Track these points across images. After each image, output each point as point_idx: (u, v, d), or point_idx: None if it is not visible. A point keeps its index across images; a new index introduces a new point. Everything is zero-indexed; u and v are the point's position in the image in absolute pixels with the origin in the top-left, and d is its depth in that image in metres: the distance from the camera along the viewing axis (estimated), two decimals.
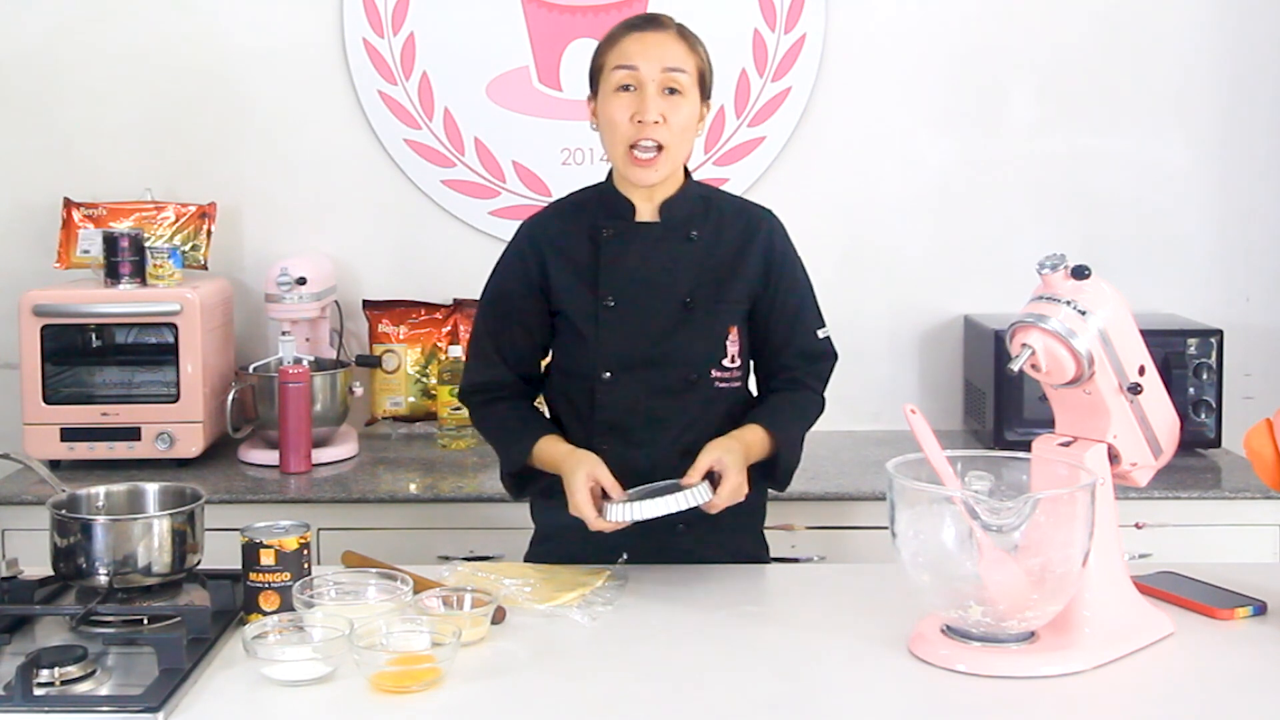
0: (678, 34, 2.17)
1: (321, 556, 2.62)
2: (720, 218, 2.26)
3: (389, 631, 1.76)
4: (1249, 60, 3.37)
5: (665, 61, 2.13)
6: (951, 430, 3.35)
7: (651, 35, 2.15)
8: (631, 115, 2.13)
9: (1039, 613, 1.75)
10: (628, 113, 2.13)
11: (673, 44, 2.15)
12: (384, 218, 3.41)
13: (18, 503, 2.83)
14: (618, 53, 2.15)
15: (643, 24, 2.18)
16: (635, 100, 2.13)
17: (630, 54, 2.14)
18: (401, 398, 3.35)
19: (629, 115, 2.13)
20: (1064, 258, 1.82)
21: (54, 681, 1.67)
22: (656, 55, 2.13)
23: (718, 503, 2.05)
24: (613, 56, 2.16)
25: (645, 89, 2.12)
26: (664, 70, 2.12)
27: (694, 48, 2.18)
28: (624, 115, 2.13)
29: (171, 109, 3.36)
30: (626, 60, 2.13)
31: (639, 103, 2.12)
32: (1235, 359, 3.21)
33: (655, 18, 2.20)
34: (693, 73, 2.16)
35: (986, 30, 3.37)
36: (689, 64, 2.15)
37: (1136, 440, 1.87)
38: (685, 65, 2.15)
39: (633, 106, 2.13)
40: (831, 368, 2.29)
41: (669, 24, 2.19)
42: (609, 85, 2.15)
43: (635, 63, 2.13)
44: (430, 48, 3.35)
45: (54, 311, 3.01)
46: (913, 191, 3.40)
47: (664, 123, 2.13)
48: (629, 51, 2.14)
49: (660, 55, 2.13)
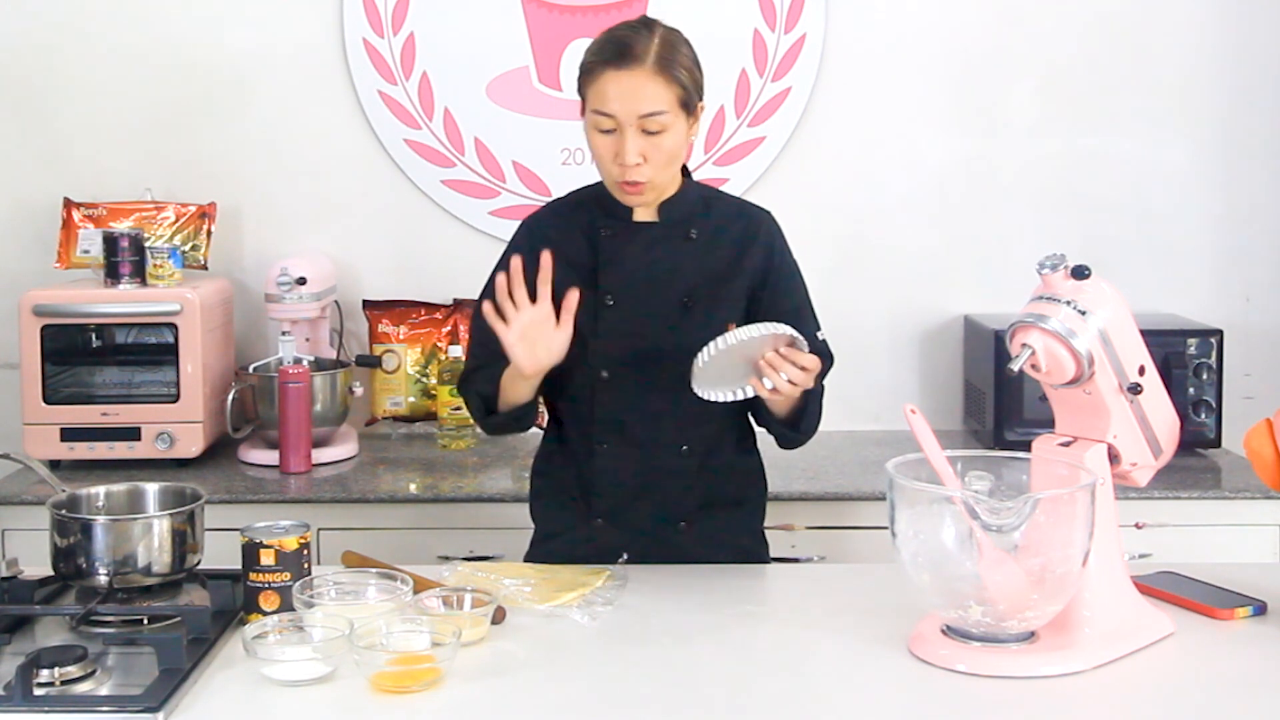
0: (654, 69, 2.08)
1: (321, 556, 2.62)
2: (719, 218, 2.25)
3: (389, 631, 1.76)
4: (1249, 60, 3.37)
5: (641, 108, 2.08)
6: (951, 430, 3.35)
7: (626, 76, 2.08)
8: (613, 156, 2.11)
9: (1039, 613, 1.75)
10: (610, 152, 2.12)
11: (647, 85, 2.08)
12: (384, 218, 3.41)
13: (18, 503, 2.83)
14: (595, 94, 2.11)
15: (617, 58, 2.09)
16: (616, 142, 2.11)
17: (607, 98, 2.09)
18: (401, 398, 3.35)
19: (611, 155, 2.12)
20: (1064, 258, 1.82)
21: (54, 681, 1.66)
22: (631, 102, 2.08)
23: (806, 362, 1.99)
24: (591, 96, 2.12)
25: (624, 132, 2.09)
26: (640, 117, 2.08)
27: (673, 78, 2.09)
28: (607, 154, 2.12)
29: (171, 109, 3.36)
30: (603, 106, 2.09)
31: (619, 144, 2.10)
32: (1235, 359, 3.21)
33: (630, 49, 2.09)
34: (673, 106, 2.10)
35: (987, 30, 3.37)
36: (665, 100, 2.09)
37: (1136, 440, 1.87)
38: (662, 105, 2.08)
39: (614, 147, 2.11)
40: (829, 369, 2.28)
41: (645, 55, 2.08)
42: (589, 121, 2.14)
43: (611, 109, 2.08)
44: (430, 48, 3.35)
45: (54, 311, 3.01)
46: (912, 191, 3.40)
47: (646, 162, 2.11)
48: (606, 95, 2.09)
49: (635, 101, 2.08)
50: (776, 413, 2.16)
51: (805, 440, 2.24)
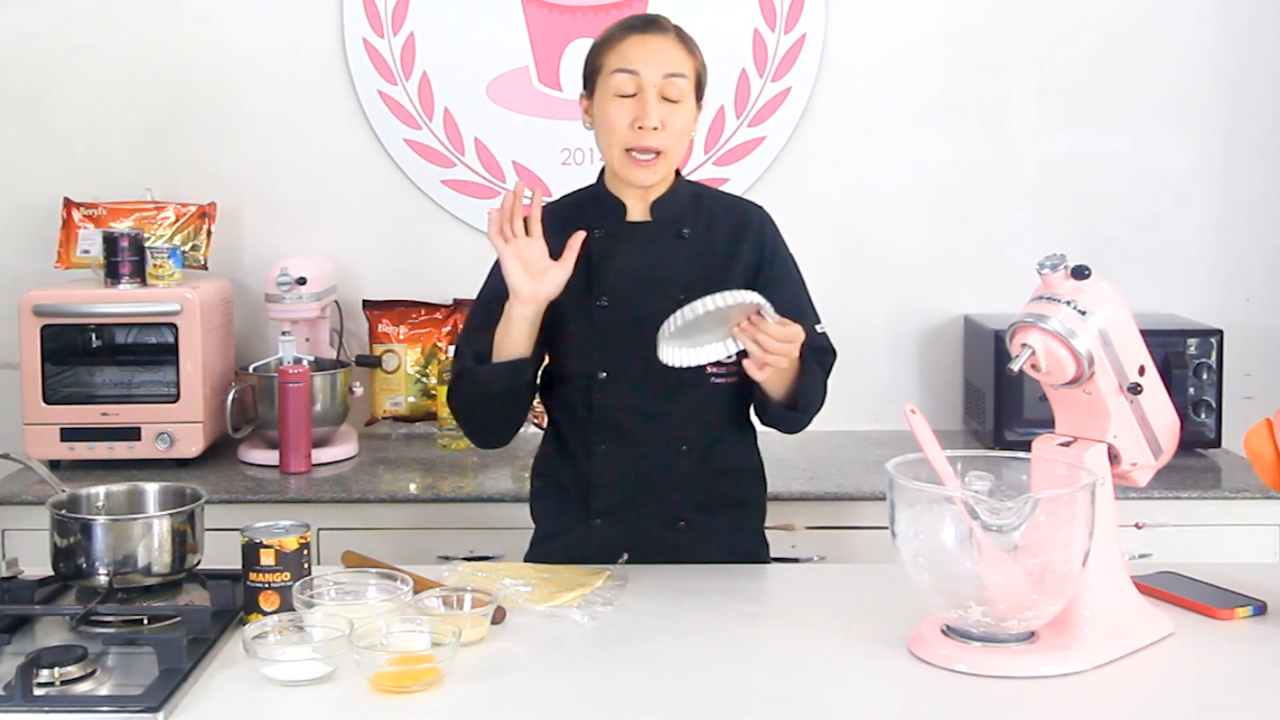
0: (677, 38, 2.16)
1: (321, 556, 2.62)
2: (712, 214, 2.26)
3: (389, 631, 1.76)
4: (1249, 60, 3.37)
5: (666, 67, 2.12)
6: (951, 430, 3.35)
7: (653, 39, 2.14)
8: (632, 121, 2.12)
9: (1039, 613, 1.75)
10: (628, 117, 2.12)
11: (673, 48, 2.14)
12: (384, 218, 3.41)
13: (18, 503, 2.83)
14: (618, 55, 2.14)
15: (643, 26, 2.17)
16: (635, 105, 2.12)
17: (631, 58, 2.12)
18: (401, 398, 3.35)
19: (629, 120, 2.12)
20: (1064, 258, 1.82)
21: (54, 681, 1.66)
22: (658, 60, 2.12)
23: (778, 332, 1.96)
24: (612, 59, 2.14)
25: (646, 94, 2.11)
26: (665, 76, 2.11)
27: (692, 52, 2.17)
28: (623, 119, 2.13)
29: (172, 109, 3.36)
30: (627, 64, 2.12)
31: (639, 108, 2.11)
32: (1235, 359, 3.21)
33: (655, 19, 2.19)
34: (691, 77, 2.15)
35: (986, 30, 3.37)
36: (688, 68, 2.15)
37: (1136, 440, 1.87)
38: (685, 70, 2.14)
39: (633, 111, 2.12)
40: (832, 363, 2.28)
41: (668, 26, 2.17)
42: (608, 88, 2.14)
43: (636, 67, 2.11)
44: (430, 48, 3.35)
45: (54, 311, 3.01)
46: (913, 191, 3.40)
47: (663, 129, 2.12)
48: (630, 55, 2.13)
49: (661, 60, 2.12)
50: (772, 393, 2.15)
51: (805, 422, 2.21)
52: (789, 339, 1.99)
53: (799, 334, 2.01)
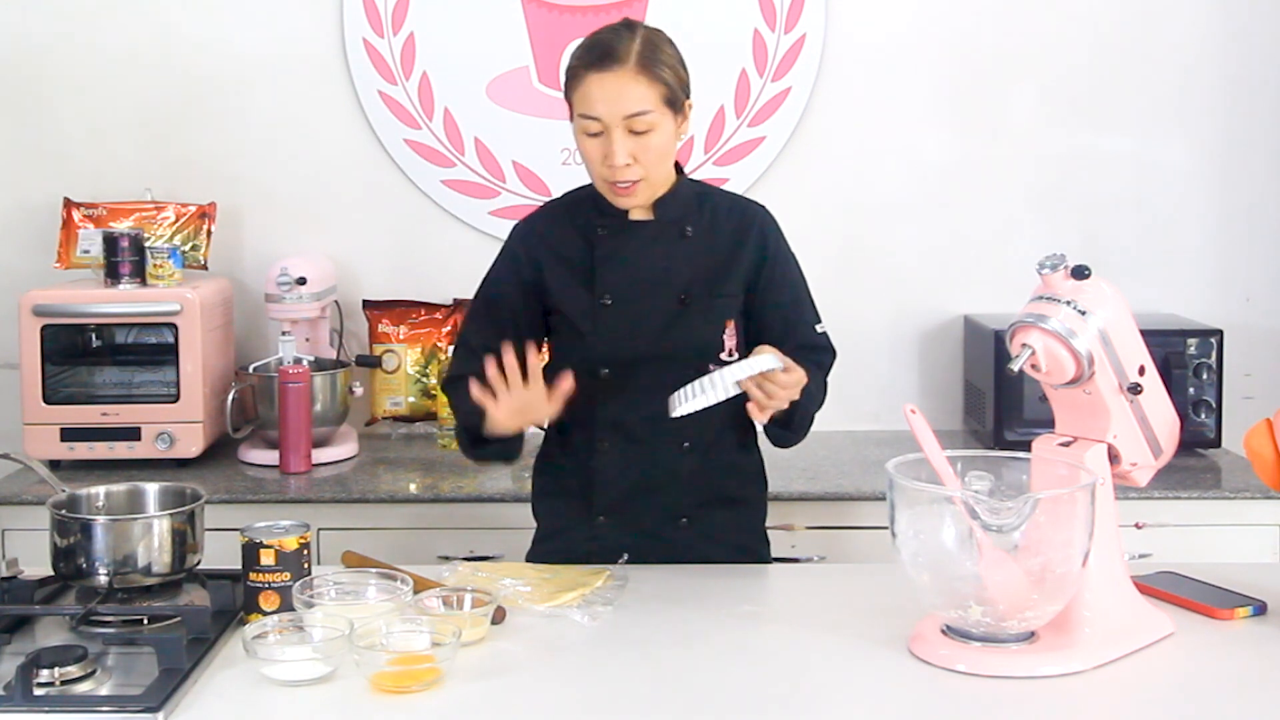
0: (636, 69, 2.08)
1: (321, 556, 2.62)
2: (714, 213, 2.26)
3: (389, 631, 1.76)
4: (1249, 60, 3.37)
5: (625, 108, 2.08)
6: (951, 430, 3.35)
7: (610, 78, 2.08)
8: (603, 158, 2.11)
9: (1039, 613, 1.75)
10: (599, 154, 2.12)
11: (630, 85, 2.08)
12: (384, 218, 3.41)
13: (18, 503, 2.83)
14: (581, 98, 2.11)
15: (600, 61, 2.09)
16: (604, 144, 2.10)
17: (592, 100, 2.09)
18: (401, 398, 3.35)
19: (600, 157, 2.12)
20: (1064, 258, 1.82)
21: (54, 681, 1.66)
22: (616, 103, 2.08)
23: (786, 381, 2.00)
24: (576, 100, 2.12)
25: (611, 134, 2.09)
26: (625, 117, 2.08)
27: (656, 77, 2.10)
28: (596, 156, 2.12)
29: (172, 109, 3.36)
30: (589, 109, 2.10)
31: (607, 147, 2.10)
32: (1235, 359, 3.21)
33: (611, 51, 2.10)
34: (658, 105, 2.10)
35: (986, 30, 3.37)
36: (650, 100, 2.09)
37: (1136, 440, 1.87)
38: (646, 104, 2.09)
39: (603, 150, 2.11)
40: (831, 363, 2.28)
41: (626, 56, 2.09)
42: (577, 125, 2.13)
43: (597, 112, 2.09)
44: (430, 48, 3.35)
45: (54, 311, 3.01)
46: (913, 191, 3.40)
47: (636, 161, 2.11)
48: (591, 98, 2.09)
49: (619, 102, 2.08)
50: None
51: (797, 440, 2.25)
52: (792, 385, 2.02)
53: (802, 379, 2.03)
